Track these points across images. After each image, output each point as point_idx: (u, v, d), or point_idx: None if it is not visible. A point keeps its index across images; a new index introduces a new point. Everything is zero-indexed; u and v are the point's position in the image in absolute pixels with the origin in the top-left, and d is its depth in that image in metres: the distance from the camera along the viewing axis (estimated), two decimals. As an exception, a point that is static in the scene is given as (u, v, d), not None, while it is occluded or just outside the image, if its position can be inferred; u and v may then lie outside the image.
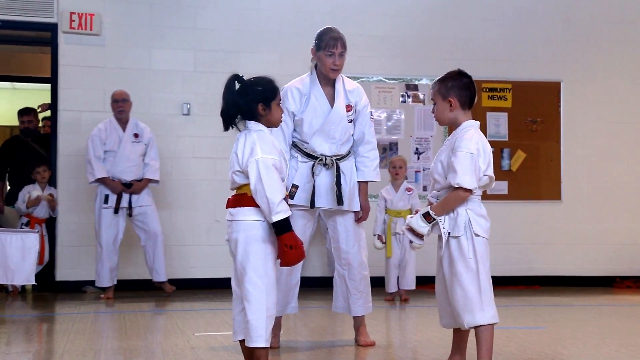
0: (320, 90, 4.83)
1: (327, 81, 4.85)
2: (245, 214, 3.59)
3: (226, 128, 3.71)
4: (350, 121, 4.86)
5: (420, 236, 3.79)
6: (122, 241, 7.80)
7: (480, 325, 3.67)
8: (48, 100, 8.73)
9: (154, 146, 7.92)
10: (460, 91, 3.82)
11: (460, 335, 3.88)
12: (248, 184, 3.56)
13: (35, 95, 10.96)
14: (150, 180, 7.85)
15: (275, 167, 3.55)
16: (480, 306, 3.66)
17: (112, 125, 7.81)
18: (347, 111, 4.83)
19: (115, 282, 7.77)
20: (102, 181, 7.69)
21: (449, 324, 3.86)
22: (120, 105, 7.79)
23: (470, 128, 3.78)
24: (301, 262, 4.77)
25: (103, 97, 8.31)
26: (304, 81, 4.86)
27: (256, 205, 3.55)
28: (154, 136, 7.97)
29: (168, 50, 8.60)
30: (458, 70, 3.90)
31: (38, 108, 9.30)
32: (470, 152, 3.67)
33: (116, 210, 7.67)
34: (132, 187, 7.72)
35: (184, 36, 8.62)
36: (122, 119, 7.83)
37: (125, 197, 7.71)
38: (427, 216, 3.73)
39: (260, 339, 3.55)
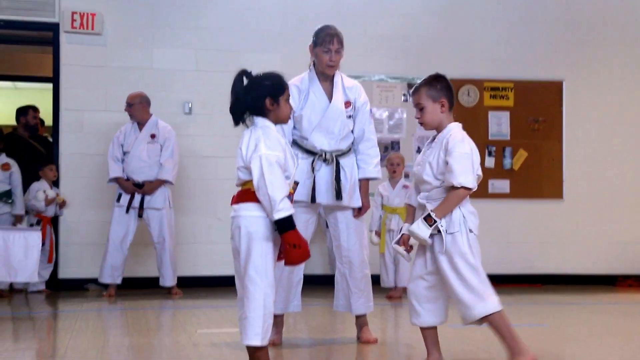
0: (319, 86, 4.84)
1: (326, 77, 4.86)
2: (248, 209, 3.56)
3: (236, 123, 3.69)
4: (349, 117, 4.86)
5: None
6: (133, 240, 7.78)
7: (491, 315, 3.70)
8: (50, 99, 8.70)
9: (170, 146, 7.81)
10: (448, 92, 3.89)
11: (433, 333, 3.93)
12: (252, 180, 3.53)
13: (37, 94, 10.97)
14: (163, 182, 7.78)
15: (278, 164, 3.52)
16: (485, 296, 3.70)
17: (132, 127, 7.84)
18: (346, 107, 4.84)
19: (119, 282, 7.74)
20: (116, 180, 7.73)
21: (430, 321, 3.87)
22: (126, 109, 7.81)
23: (457, 129, 3.85)
24: (303, 261, 4.80)
25: (105, 96, 8.36)
26: (302, 78, 4.87)
27: (259, 201, 3.53)
28: (173, 136, 7.87)
29: (169, 49, 8.61)
30: (436, 73, 3.94)
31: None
32: (466, 152, 3.74)
33: (127, 209, 7.67)
34: (143, 187, 7.73)
35: (185, 35, 8.63)
36: (138, 120, 7.81)
37: (138, 197, 7.71)
38: (427, 219, 3.74)
39: (256, 337, 3.52)
